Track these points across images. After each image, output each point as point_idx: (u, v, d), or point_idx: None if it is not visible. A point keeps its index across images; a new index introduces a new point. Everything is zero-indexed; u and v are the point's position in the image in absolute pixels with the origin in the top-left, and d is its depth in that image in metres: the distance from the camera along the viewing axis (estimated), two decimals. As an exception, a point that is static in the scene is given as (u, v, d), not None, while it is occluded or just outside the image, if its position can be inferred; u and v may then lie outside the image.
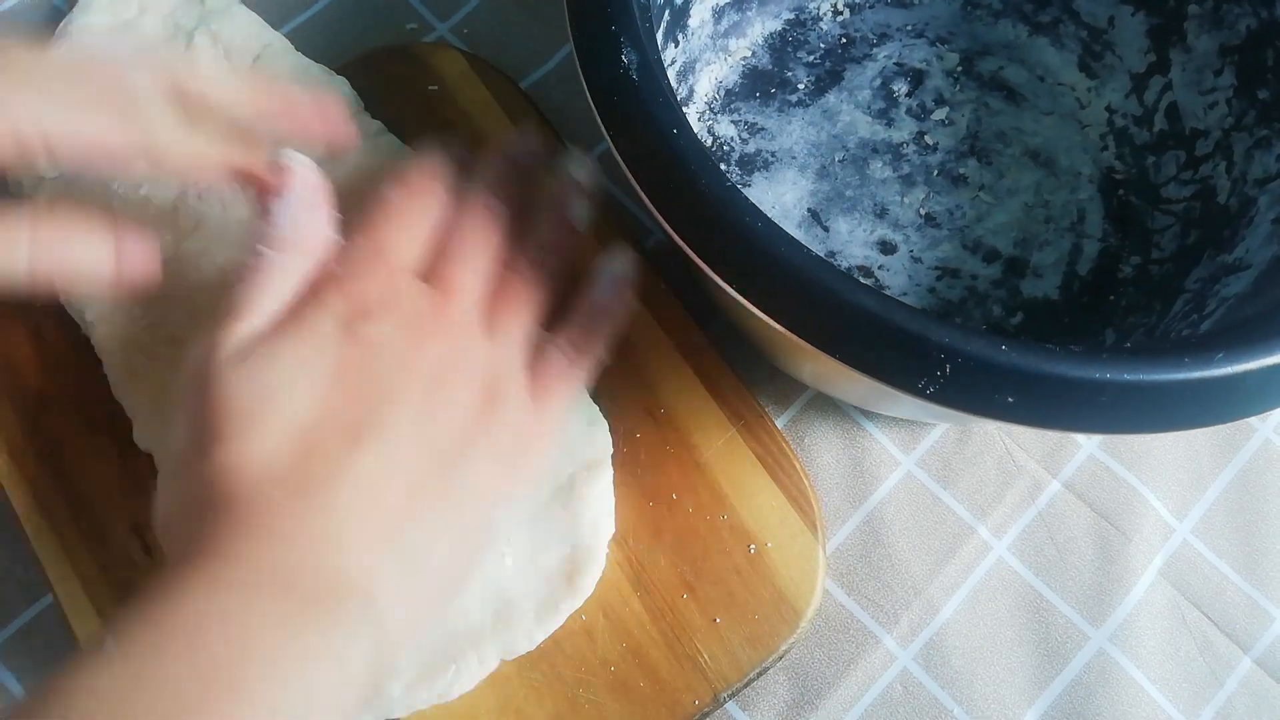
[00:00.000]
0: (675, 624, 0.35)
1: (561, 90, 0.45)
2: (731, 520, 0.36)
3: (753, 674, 0.35)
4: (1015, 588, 0.38)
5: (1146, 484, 0.40)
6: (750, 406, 0.38)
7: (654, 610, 0.35)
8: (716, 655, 0.35)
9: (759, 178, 0.43)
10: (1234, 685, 0.37)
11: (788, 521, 0.36)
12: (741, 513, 0.36)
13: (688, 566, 0.36)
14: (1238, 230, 0.36)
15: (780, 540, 0.36)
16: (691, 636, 0.35)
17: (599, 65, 0.28)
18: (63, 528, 0.36)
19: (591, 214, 0.37)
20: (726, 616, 0.35)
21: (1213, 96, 0.39)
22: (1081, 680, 0.37)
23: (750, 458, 0.37)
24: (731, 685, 0.34)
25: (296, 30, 0.46)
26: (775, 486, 0.37)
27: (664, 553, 0.36)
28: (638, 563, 0.36)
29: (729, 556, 0.36)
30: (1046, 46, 0.44)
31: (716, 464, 0.37)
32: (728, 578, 0.35)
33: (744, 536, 0.36)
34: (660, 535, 0.36)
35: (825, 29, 0.45)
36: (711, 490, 0.37)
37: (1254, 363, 0.25)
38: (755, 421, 0.37)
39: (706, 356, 0.38)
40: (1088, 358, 0.24)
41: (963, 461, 0.40)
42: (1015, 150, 0.43)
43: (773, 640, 0.35)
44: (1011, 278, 0.41)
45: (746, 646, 0.35)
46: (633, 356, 0.38)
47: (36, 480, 0.36)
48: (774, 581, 0.35)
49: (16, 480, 0.36)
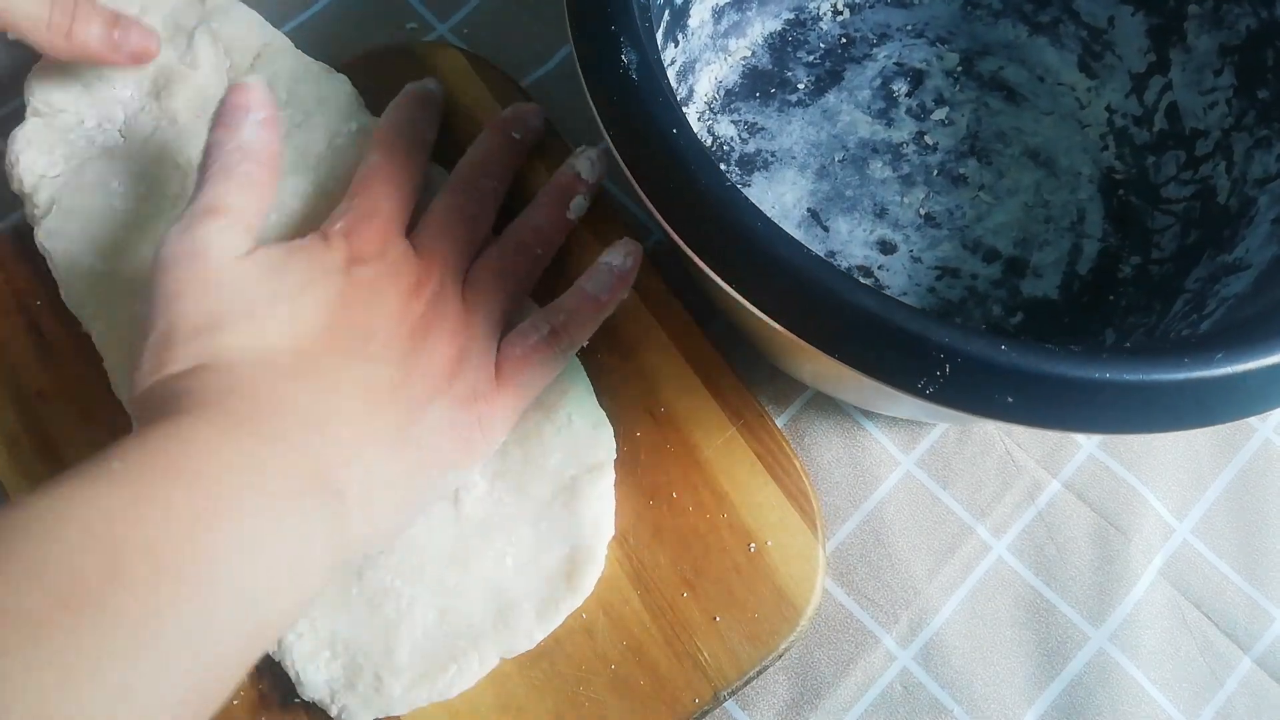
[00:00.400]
0: (675, 622, 0.35)
1: (561, 90, 0.45)
2: (731, 519, 0.36)
3: (752, 672, 0.35)
4: (1015, 588, 0.38)
5: (1146, 484, 0.40)
6: (750, 405, 0.38)
7: (654, 608, 0.35)
8: (716, 653, 0.35)
9: (759, 178, 0.43)
10: (1234, 685, 0.37)
11: (787, 520, 0.36)
12: (741, 511, 0.36)
13: (688, 565, 0.36)
14: (1238, 230, 0.36)
15: (780, 539, 0.36)
16: (691, 635, 0.35)
17: (599, 65, 0.28)
18: None
19: (586, 207, 0.38)
20: (726, 615, 0.35)
21: (1213, 96, 0.39)
22: (1081, 680, 0.37)
23: (750, 457, 0.37)
24: (731, 683, 0.34)
25: (296, 29, 0.46)
26: (775, 485, 0.37)
27: (664, 551, 0.36)
28: (638, 561, 0.36)
29: (729, 555, 0.36)
30: (1046, 46, 0.44)
31: (717, 463, 0.37)
32: (728, 576, 0.35)
33: (744, 535, 0.36)
34: (660, 534, 0.36)
35: (825, 29, 0.45)
36: (711, 489, 0.37)
37: (1254, 363, 0.25)
38: (755, 420, 0.37)
39: (706, 355, 0.38)
40: (1087, 358, 0.24)
41: (962, 461, 0.40)
42: (1015, 150, 0.43)
43: (773, 639, 0.35)
44: (1011, 277, 0.41)
45: (746, 645, 0.35)
46: (633, 356, 0.38)
47: (34, 476, 0.36)
48: (774, 580, 0.35)
49: (14, 476, 0.36)
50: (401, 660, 0.33)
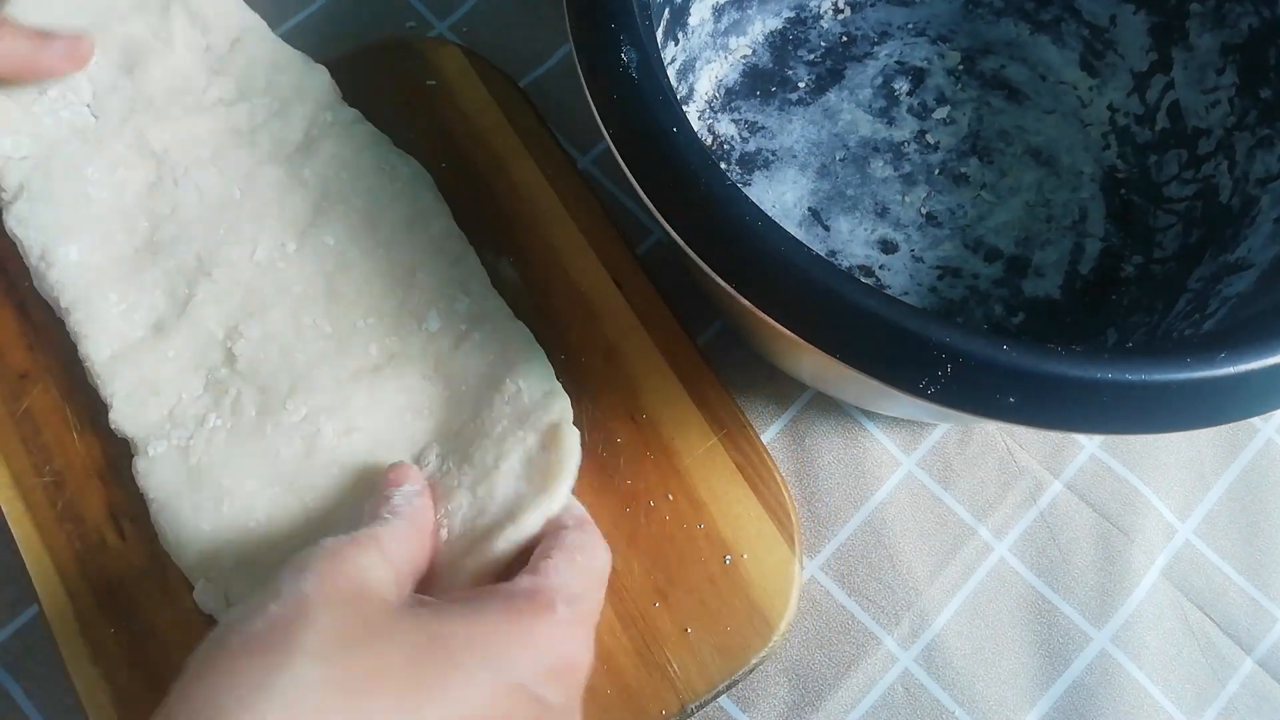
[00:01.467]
0: (645, 631, 0.35)
1: (561, 89, 0.45)
2: (708, 529, 0.36)
3: (722, 686, 0.34)
4: (1017, 588, 0.38)
5: (1149, 484, 0.40)
6: (733, 415, 0.37)
7: (625, 617, 0.35)
8: (686, 665, 0.34)
9: (759, 176, 0.42)
10: (1236, 686, 0.37)
11: (765, 533, 0.36)
12: (719, 522, 0.36)
13: (661, 574, 0.35)
14: (1240, 229, 0.36)
15: (757, 552, 0.35)
16: (662, 645, 0.34)
17: (599, 64, 0.28)
18: (39, 507, 0.36)
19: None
20: (698, 626, 0.34)
21: (1215, 95, 0.39)
22: (1083, 681, 0.37)
23: (730, 467, 0.36)
24: (700, 696, 0.34)
25: (295, 28, 0.46)
26: (754, 497, 0.36)
27: (638, 559, 0.35)
28: (611, 568, 0.35)
29: (704, 566, 0.35)
30: (1048, 45, 0.44)
31: (696, 472, 0.36)
32: (701, 587, 0.35)
33: (720, 546, 0.35)
34: (635, 541, 0.36)
35: (826, 27, 0.45)
36: (689, 498, 0.36)
37: (1256, 362, 0.25)
38: (737, 431, 0.37)
39: (692, 363, 0.38)
40: (1089, 358, 0.24)
41: (964, 462, 0.40)
42: (1017, 149, 0.43)
43: (744, 653, 0.34)
44: (1013, 277, 0.41)
45: (717, 657, 0.34)
46: (617, 360, 0.38)
47: (14, 458, 0.36)
48: (748, 593, 0.35)
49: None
50: None
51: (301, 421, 0.35)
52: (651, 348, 0.38)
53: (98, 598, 0.35)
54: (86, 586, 0.35)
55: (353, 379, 0.36)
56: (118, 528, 0.36)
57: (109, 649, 0.34)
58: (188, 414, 0.35)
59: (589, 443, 0.36)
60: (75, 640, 0.34)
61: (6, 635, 0.37)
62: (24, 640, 0.37)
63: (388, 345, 0.37)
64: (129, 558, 0.35)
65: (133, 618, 0.34)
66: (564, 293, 0.39)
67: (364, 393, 0.36)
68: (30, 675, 0.36)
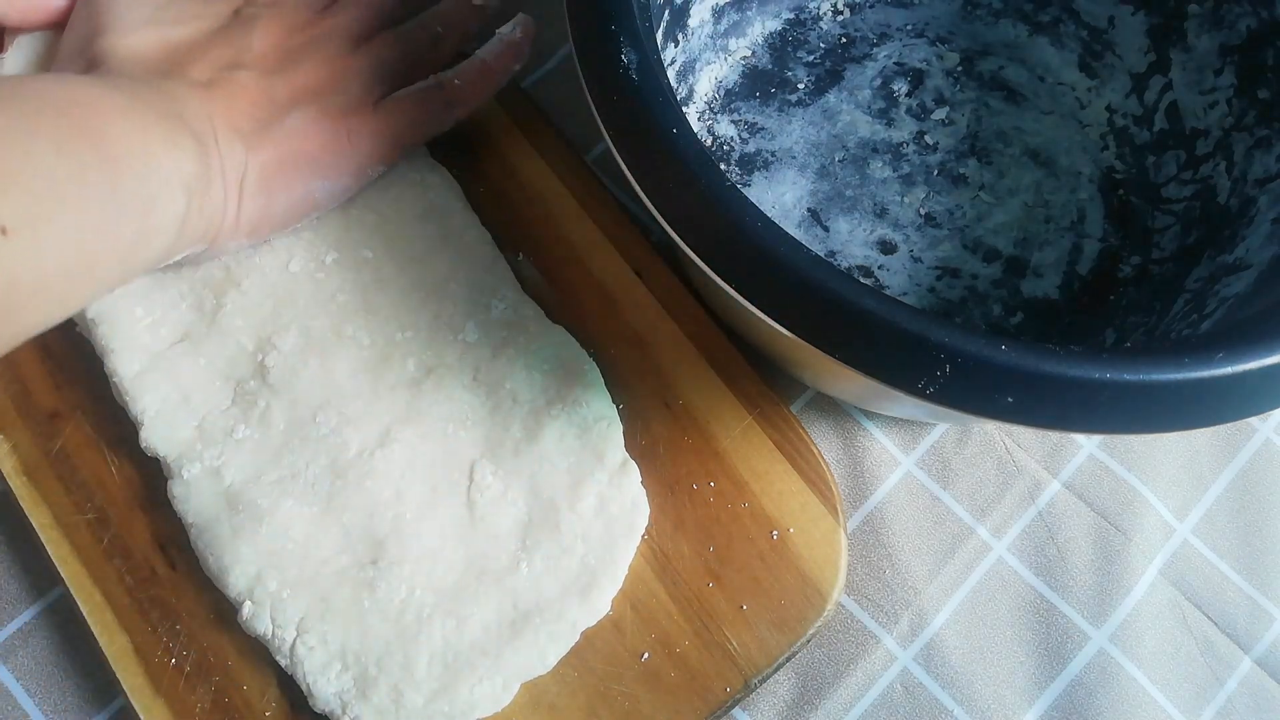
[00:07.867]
0: (702, 612, 0.35)
1: (561, 90, 0.45)
2: (753, 507, 0.36)
3: (782, 659, 0.35)
4: (1015, 588, 0.38)
5: (1147, 484, 0.40)
6: (765, 394, 0.38)
7: (681, 600, 0.35)
8: (745, 642, 0.35)
9: (759, 177, 0.43)
10: (1234, 685, 0.37)
11: (808, 506, 0.36)
12: (762, 499, 0.36)
13: (712, 555, 0.36)
14: (1238, 230, 0.36)
15: (802, 525, 0.36)
16: (720, 624, 0.35)
17: (599, 65, 0.28)
18: (84, 546, 0.36)
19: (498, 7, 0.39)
20: (753, 603, 0.35)
21: (1213, 96, 0.39)
22: (1082, 680, 0.37)
23: (768, 445, 0.37)
24: (762, 670, 0.34)
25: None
26: (794, 472, 0.37)
27: (687, 542, 0.36)
28: (662, 554, 0.36)
29: (752, 543, 0.36)
30: (1047, 46, 0.44)
31: (735, 452, 0.37)
32: (752, 564, 0.36)
33: (766, 523, 0.36)
34: (683, 525, 0.36)
35: (825, 28, 0.45)
36: (731, 478, 0.37)
37: (1254, 363, 0.25)
38: (771, 409, 0.37)
39: (719, 346, 0.38)
40: (1088, 358, 0.24)
41: (963, 461, 0.40)
42: (1015, 150, 0.43)
43: (800, 624, 0.35)
44: (1012, 277, 0.41)
45: (774, 631, 0.35)
46: (646, 349, 0.38)
47: (53, 498, 0.36)
48: (798, 566, 0.35)
49: (35, 500, 0.36)
50: (420, 672, 0.33)
51: (330, 434, 0.35)
52: (679, 335, 0.38)
53: (153, 628, 0.35)
54: (141, 619, 0.35)
55: (390, 391, 0.36)
56: (166, 557, 0.36)
57: (167, 679, 0.34)
58: (216, 427, 0.35)
59: (627, 432, 0.37)
60: (136, 673, 0.34)
61: (8, 634, 0.37)
62: (25, 638, 0.37)
63: (425, 359, 0.37)
64: (181, 585, 0.35)
65: (190, 646, 0.35)
66: (586, 287, 0.39)
67: (403, 404, 0.36)
68: (31, 674, 0.36)
